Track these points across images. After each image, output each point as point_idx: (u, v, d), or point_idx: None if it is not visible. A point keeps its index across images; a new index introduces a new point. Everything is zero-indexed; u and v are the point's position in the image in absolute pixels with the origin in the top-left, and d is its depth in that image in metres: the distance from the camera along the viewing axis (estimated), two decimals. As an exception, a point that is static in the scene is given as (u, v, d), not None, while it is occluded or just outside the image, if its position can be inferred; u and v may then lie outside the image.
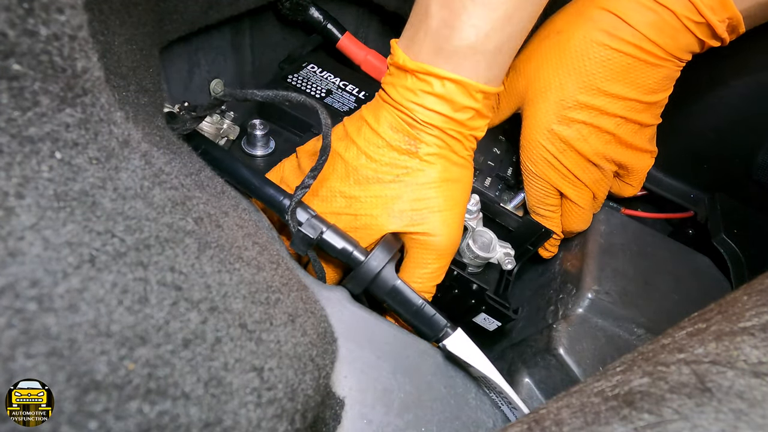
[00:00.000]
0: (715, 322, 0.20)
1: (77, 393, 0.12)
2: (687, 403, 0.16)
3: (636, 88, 0.40)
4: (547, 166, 0.43)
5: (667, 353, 0.19)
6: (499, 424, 0.33)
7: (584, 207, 0.45)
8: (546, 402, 0.22)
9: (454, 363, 0.35)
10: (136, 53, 0.33)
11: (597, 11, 0.40)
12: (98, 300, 0.15)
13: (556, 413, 0.20)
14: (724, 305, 0.21)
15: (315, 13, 0.56)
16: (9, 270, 0.14)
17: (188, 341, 0.16)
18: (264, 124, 0.45)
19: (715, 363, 0.17)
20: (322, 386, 0.24)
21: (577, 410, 0.19)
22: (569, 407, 0.19)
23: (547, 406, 0.21)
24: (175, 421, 0.14)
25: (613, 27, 0.39)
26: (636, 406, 0.17)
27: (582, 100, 0.40)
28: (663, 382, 0.18)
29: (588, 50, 0.39)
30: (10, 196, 0.16)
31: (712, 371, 0.17)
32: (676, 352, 0.19)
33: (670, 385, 0.17)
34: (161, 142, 0.29)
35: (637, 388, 0.18)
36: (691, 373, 0.17)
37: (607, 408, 0.18)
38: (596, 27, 0.39)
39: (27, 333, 0.13)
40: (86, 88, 0.20)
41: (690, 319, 0.23)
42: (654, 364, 0.19)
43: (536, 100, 0.42)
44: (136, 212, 0.20)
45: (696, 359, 0.18)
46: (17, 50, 0.16)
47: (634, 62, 0.39)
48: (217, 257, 0.22)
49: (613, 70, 0.39)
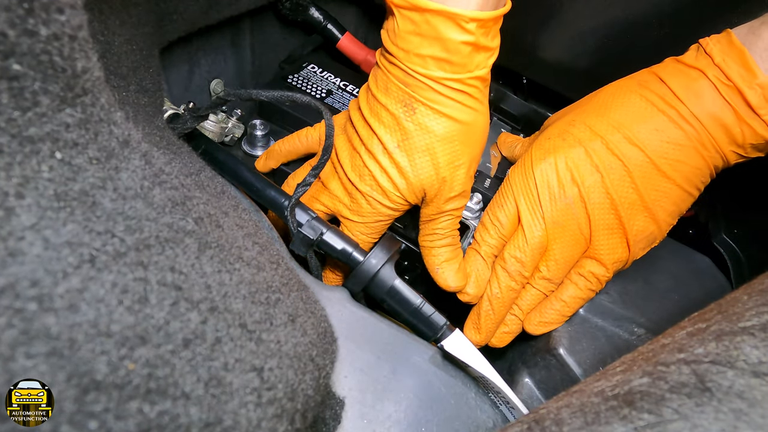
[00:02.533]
0: (715, 322, 0.20)
1: (77, 393, 0.12)
2: (687, 403, 0.16)
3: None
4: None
5: (667, 353, 0.19)
6: (499, 424, 0.33)
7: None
8: (546, 402, 0.22)
9: (453, 363, 0.35)
10: (136, 53, 0.33)
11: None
12: (98, 300, 0.15)
13: (556, 413, 0.20)
14: (724, 305, 0.21)
15: (315, 13, 0.56)
16: (9, 270, 0.14)
17: (188, 341, 0.16)
18: (264, 125, 0.45)
19: (715, 363, 0.17)
20: (322, 386, 0.24)
21: (577, 410, 0.19)
22: (569, 407, 0.19)
23: (547, 405, 0.21)
24: (176, 421, 0.14)
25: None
26: (636, 405, 0.17)
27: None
28: (663, 381, 0.18)
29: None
30: (11, 196, 0.16)
31: (712, 371, 0.17)
32: (676, 352, 0.19)
33: (669, 384, 0.17)
34: (161, 143, 0.29)
35: (637, 388, 0.18)
36: (691, 372, 0.17)
37: (607, 408, 0.18)
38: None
39: (27, 333, 0.13)
40: (86, 88, 0.20)
41: (690, 319, 0.23)
42: (654, 364, 0.19)
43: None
44: (136, 212, 0.20)
45: (696, 359, 0.18)
46: (17, 50, 0.16)
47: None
48: (217, 257, 0.22)
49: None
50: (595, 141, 0.36)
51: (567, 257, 0.37)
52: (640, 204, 0.36)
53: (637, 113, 0.35)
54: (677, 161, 0.35)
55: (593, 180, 0.35)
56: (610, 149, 0.35)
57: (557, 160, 0.36)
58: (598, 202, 0.36)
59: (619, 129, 0.35)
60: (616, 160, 0.35)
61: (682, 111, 0.34)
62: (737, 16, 0.43)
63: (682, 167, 0.35)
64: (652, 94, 0.35)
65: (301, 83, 0.52)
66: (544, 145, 0.38)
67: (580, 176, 0.36)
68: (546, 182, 0.36)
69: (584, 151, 0.36)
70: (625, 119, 0.36)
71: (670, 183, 0.35)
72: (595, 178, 0.35)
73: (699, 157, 0.34)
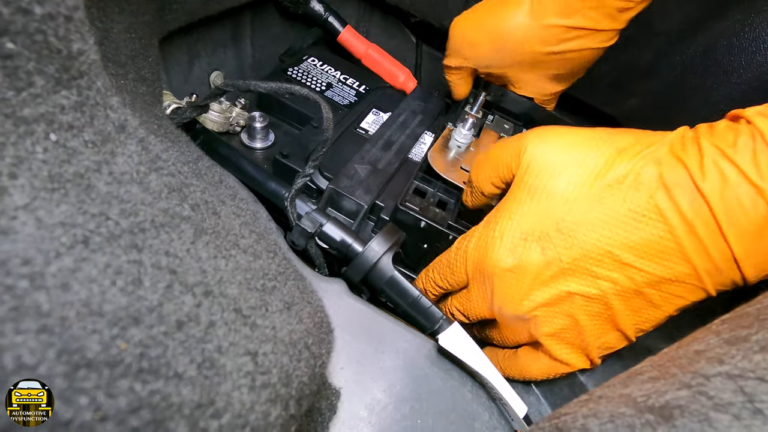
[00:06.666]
0: (757, 330, 0.18)
1: (68, 369, 0.12)
2: (735, 426, 0.14)
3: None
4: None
5: (705, 362, 0.18)
6: (495, 416, 0.33)
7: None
8: (567, 405, 0.21)
9: (448, 358, 0.35)
10: (135, 42, 0.33)
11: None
12: (91, 280, 0.15)
13: (582, 422, 0.18)
14: (763, 311, 0.19)
15: (316, 5, 0.55)
16: (1, 248, 0.14)
17: (182, 323, 0.16)
18: (264, 117, 0.45)
19: (764, 380, 0.15)
20: (318, 375, 0.24)
21: (607, 421, 0.17)
22: (597, 416, 0.18)
23: (569, 411, 0.20)
24: (167, 401, 0.14)
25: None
26: (676, 423, 0.15)
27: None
28: (704, 397, 0.16)
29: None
30: (3, 176, 0.16)
31: (761, 390, 0.15)
32: (716, 363, 0.17)
33: (713, 402, 0.15)
34: (159, 130, 0.29)
35: (674, 402, 0.16)
36: (737, 390, 0.15)
37: (643, 423, 0.16)
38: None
39: (17, 309, 0.12)
40: (82, 70, 0.19)
41: (723, 322, 0.20)
42: (692, 374, 0.17)
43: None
44: (131, 196, 0.20)
45: (741, 373, 0.16)
46: (11, 28, 0.16)
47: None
48: (213, 243, 0.22)
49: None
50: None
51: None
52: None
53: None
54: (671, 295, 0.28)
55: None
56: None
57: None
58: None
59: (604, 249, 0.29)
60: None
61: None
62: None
63: (676, 300, 0.29)
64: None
65: (301, 76, 0.52)
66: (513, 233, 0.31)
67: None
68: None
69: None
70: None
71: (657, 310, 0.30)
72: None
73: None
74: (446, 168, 0.43)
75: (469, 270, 0.34)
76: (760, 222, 0.24)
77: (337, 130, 0.46)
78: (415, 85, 0.57)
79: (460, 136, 0.46)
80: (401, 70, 0.57)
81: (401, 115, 0.49)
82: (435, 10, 0.56)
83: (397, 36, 0.64)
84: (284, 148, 0.42)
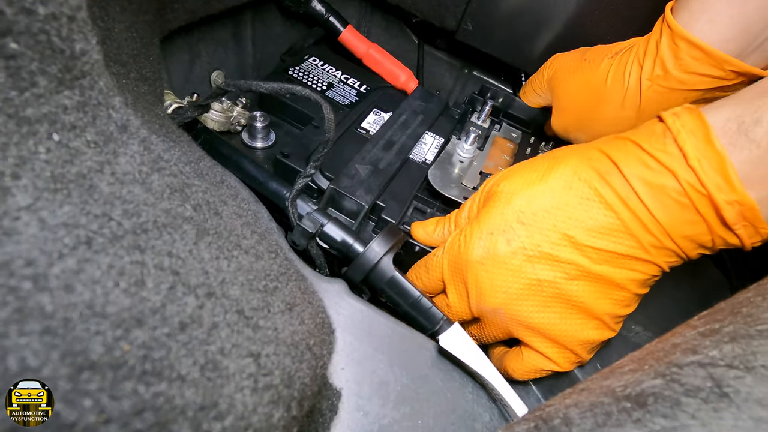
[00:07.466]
0: (729, 323, 0.19)
1: (71, 371, 0.12)
2: (704, 408, 0.15)
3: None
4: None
5: (679, 353, 0.19)
6: (496, 417, 0.33)
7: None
8: (552, 399, 0.21)
9: (449, 359, 0.35)
10: (137, 41, 0.33)
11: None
12: (94, 281, 0.15)
13: (564, 412, 0.19)
14: (737, 306, 0.20)
15: (317, 5, 0.55)
16: (4, 249, 0.14)
17: (185, 325, 0.16)
18: (265, 116, 0.45)
19: (731, 367, 0.16)
20: (319, 376, 0.24)
21: (587, 410, 0.18)
22: (578, 406, 0.19)
23: (553, 403, 0.20)
24: (170, 403, 0.14)
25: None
26: (649, 408, 0.16)
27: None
28: (677, 384, 0.17)
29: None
30: (6, 176, 0.15)
31: (729, 376, 0.16)
32: (690, 353, 0.18)
33: (684, 388, 0.16)
34: (161, 130, 0.29)
35: (649, 390, 0.17)
36: (706, 376, 0.16)
37: (619, 409, 0.17)
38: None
39: (21, 311, 0.12)
40: (85, 70, 0.19)
41: (700, 318, 0.22)
42: (666, 364, 0.18)
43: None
44: (133, 197, 0.20)
45: (711, 362, 0.17)
46: (14, 28, 0.16)
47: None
48: (215, 244, 0.22)
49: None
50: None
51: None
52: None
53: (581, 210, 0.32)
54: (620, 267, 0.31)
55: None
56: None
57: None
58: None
59: (560, 230, 0.32)
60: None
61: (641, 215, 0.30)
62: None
63: (634, 275, 0.32)
64: (605, 187, 0.31)
65: (302, 76, 0.52)
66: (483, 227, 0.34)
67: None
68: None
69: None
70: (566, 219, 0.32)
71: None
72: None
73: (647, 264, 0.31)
74: (446, 185, 0.43)
75: (445, 270, 0.36)
76: (676, 196, 0.29)
77: (338, 130, 0.46)
78: (416, 85, 0.56)
79: (462, 150, 0.46)
80: (402, 70, 0.57)
81: (402, 115, 0.49)
82: (436, 11, 0.55)
83: (399, 36, 0.64)
84: (285, 148, 0.42)
